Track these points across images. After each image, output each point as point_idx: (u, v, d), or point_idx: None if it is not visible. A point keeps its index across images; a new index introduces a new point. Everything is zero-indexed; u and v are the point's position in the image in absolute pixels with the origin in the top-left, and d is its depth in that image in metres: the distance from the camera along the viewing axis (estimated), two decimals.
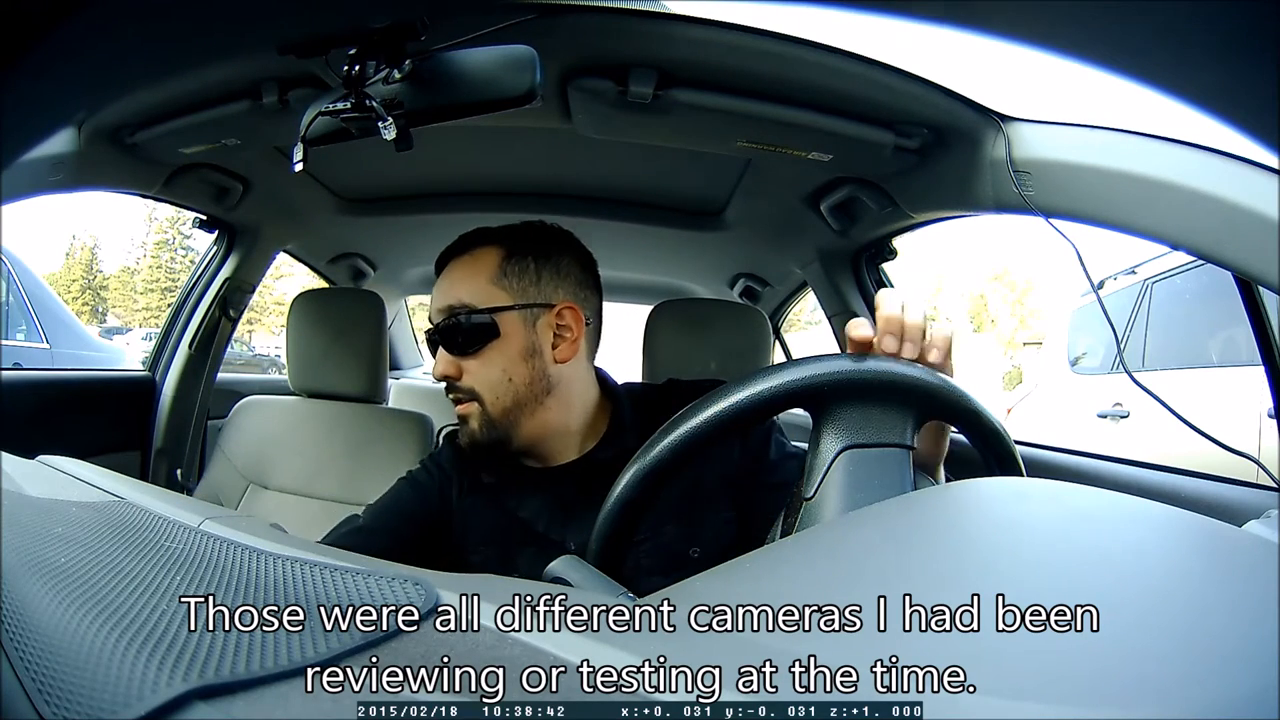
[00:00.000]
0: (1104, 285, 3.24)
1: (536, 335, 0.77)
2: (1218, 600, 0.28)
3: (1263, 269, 0.66)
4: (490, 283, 0.77)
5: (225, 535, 0.38)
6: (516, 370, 0.76)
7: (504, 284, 0.77)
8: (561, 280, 0.79)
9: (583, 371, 0.81)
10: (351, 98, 0.68)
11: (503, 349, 0.76)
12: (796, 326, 7.58)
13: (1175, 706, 0.21)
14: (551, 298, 0.78)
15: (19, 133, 0.34)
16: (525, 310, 0.77)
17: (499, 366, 0.76)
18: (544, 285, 0.78)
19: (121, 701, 0.21)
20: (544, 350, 0.77)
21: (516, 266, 0.78)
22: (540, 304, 0.78)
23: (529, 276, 0.78)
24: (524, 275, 0.78)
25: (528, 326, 0.77)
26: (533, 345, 0.77)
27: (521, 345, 0.77)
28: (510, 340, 0.76)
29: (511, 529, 0.78)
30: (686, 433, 0.52)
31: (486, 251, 0.79)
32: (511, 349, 0.76)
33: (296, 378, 1.39)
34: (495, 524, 0.79)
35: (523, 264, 0.78)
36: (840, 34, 0.82)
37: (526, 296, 0.77)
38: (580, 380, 0.81)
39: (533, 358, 0.77)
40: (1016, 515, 0.36)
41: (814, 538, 0.43)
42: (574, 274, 0.81)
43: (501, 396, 0.76)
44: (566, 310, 0.79)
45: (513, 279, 0.77)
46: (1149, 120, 0.73)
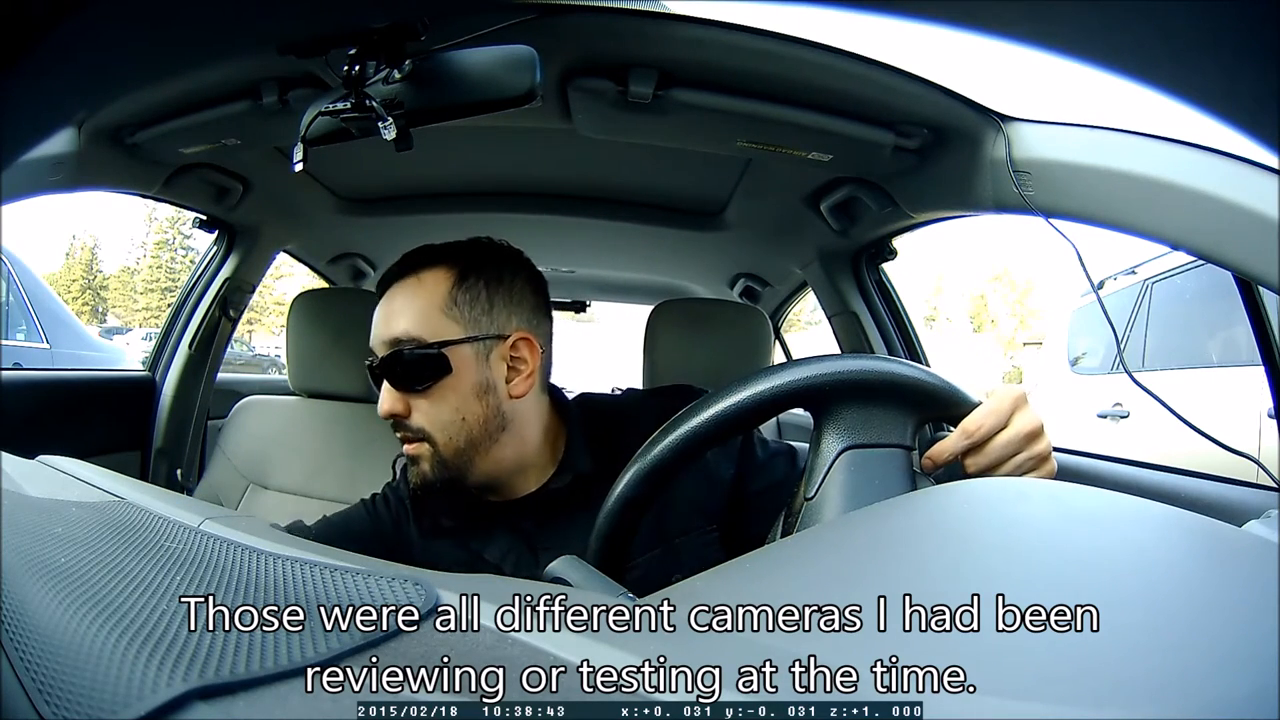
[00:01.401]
0: (1104, 285, 3.25)
1: (490, 370, 0.72)
2: (1218, 600, 0.28)
3: (1263, 269, 0.66)
4: (440, 312, 0.71)
5: (225, 535, 0.38)
6: (469, 409, 0.71)
7: (455, 314, 0.71)
8: (515, 307, 0.74)
9: (537, 402, 0.77)
10: (351, 98, 0.68)
11: (454, 386, 0.71)
12: (796, 326, 7.59)
13: (1175, 706, 0.21)
14: (505, 328, 0.73)
15: (19, 133, 0.34)
16: (478, 343, 0.72)
17: (451, 405, 0.71)
18: (497, 314, 0.73)
19: (121, 701, 0.21)
20: (498, 385, 0.72)
21: (468, 294, 0.72)
22: (494, 335, 0.72)
23: (481, 305, 0.72)
24: (476, 303, 0.72)
25: (481, 360, 0.72)
26: (486, 381, 0.72)
27: (474, 381, 0.71)
28: (462, 376, 0.71)
29: (479, 572, 0.74)
30: (688, 432, 0.52)
31: (434, 275, 0.73)
32: (464, 385, 0.71)
33: (296, 378, 1.39)
34: (462, 569, 0.75)
35: (474, 290, 0.73)
36: (840, 34, 0.82)
37: (479, 327, 0.72)
38: (535, 411, 0.76)
39: (486, 394, 0.72)
40: (1016, 515, 0.36)
41: (814, 538, 0.43)
42: (527, 299, 0.76)
43: (454, 437, 0.71)
44: (521, 341, 0.74)
45: (464, 307, 0.72)
46: (1149, 120, 0.73)
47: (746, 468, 0.77)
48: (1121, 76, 0.38)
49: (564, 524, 0.74)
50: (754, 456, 0.78)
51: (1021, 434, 0.53)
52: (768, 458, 0.78)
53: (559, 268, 2.11)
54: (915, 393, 0.52)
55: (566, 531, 0.73)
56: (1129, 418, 2.96)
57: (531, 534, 0.75)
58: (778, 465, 0.78)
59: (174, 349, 1.67)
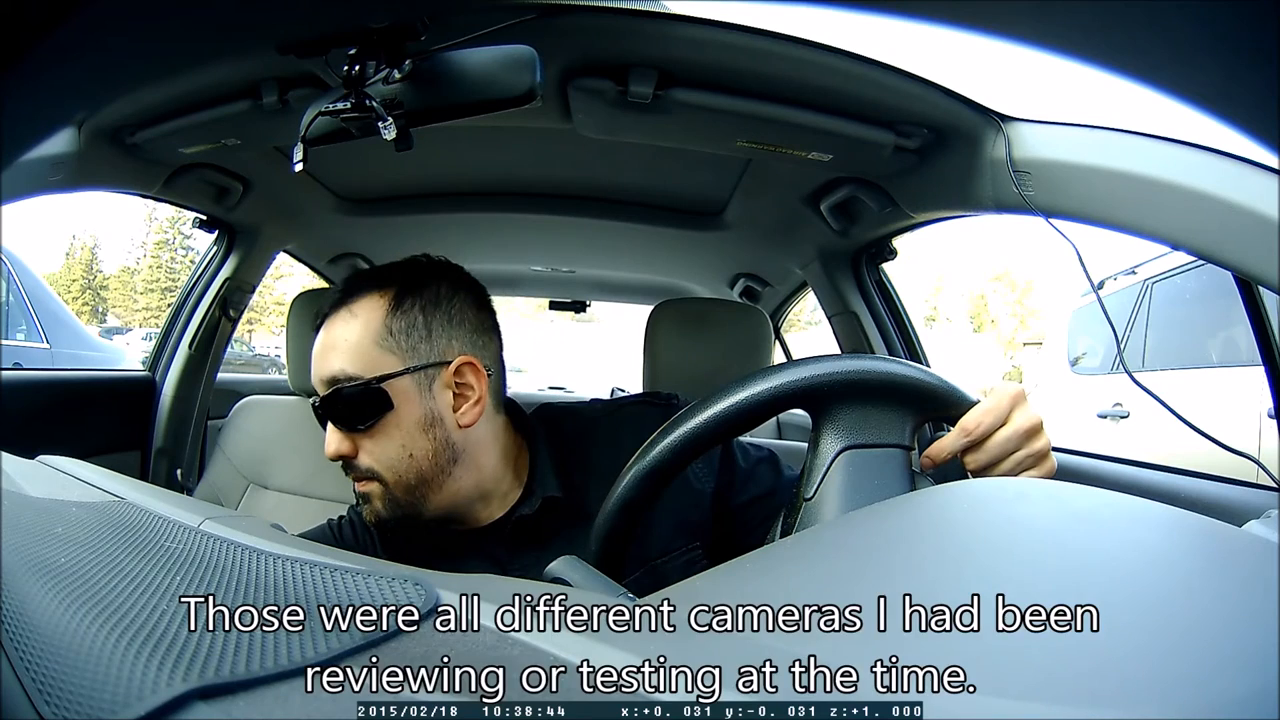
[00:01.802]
0: (1104, 285, 3.25)
1: (434, 400, 0.69)
2: (1218, 600, 0.28)
3: (1263, 269, 0.66)
4: (375, 345, 0.68)
5: (225, 535, 0.38)
6: (416, 444, 0.68)
7: (390, 344, 0.68)
8: (455, 329, 0.71)
9: (490, 427, 0.73)
10: (351, 98, 0.68)
11: (398, 422, 0.67)
12: (796, 326, 7.58)
13: (1175, 706, 0.21)
14: (446, 353, 0.70)
15: (19, 133, 0.34)
16: (418, 373, 0.68)
17: (397, 442, 0.68)
18: (436, 339, 0.69)
19: (121, 701, 0.21)
20: (444, 417, 0.69)
21: (402, 321, 0.69)
22: (434, 363, 0.69)
23: (418, 331, 0.69)
24: (412, 331, 0.69)
25: (423, 392, 0.68)
26: (431, 413, 0.68)
27: (419, 415, 0.68)
28: (405, 411, 0.67)
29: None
30: (687, 432, 0.52)
31: (366, 305, 0.69)
32: (408, 420, 0.68)
33: (296, 378, 1.39)
34: None
35: (409, 316, 0.69)
36: (840, 34, 0.82)
37: (418, 356, 0.68)
38: (490, 436, 0.72)
39: (433, 427, 0.68)
40: (1016, 515, 0.36)
41: (814, 538, 0.43)
42: (468, 318, 0.72)
43: (404, 475, 0.68)
44: (465, 366, 0.70)
45: (400, 336, 0.68)
46: (1149, 120, 0.73)
47: (728, 479, 0.75)
48: (1121, 76, 0.38)
49: (538, 549, 0.71)
50: (735, 467, 0.75)
51: (1020, 431, 0.53)
52: (751, 467, 0.76)
53: (559, 268, 2.11)
54: (913, 392, 0.52)
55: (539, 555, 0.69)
56: (1129, 418, 2.96)
57: (505, 562, 0.72)
58: (763, 475, 0.76)
59: (174, 349, 1.67)
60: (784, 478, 0.76)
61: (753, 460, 0.77)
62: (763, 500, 0.75)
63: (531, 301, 3.41)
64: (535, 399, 1.38)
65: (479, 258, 1.91)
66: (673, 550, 0.73)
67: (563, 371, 5.92)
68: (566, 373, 5.55)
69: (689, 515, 0.73)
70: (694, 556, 0.73)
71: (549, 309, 2.83)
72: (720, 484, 0.75)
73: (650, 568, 0.72)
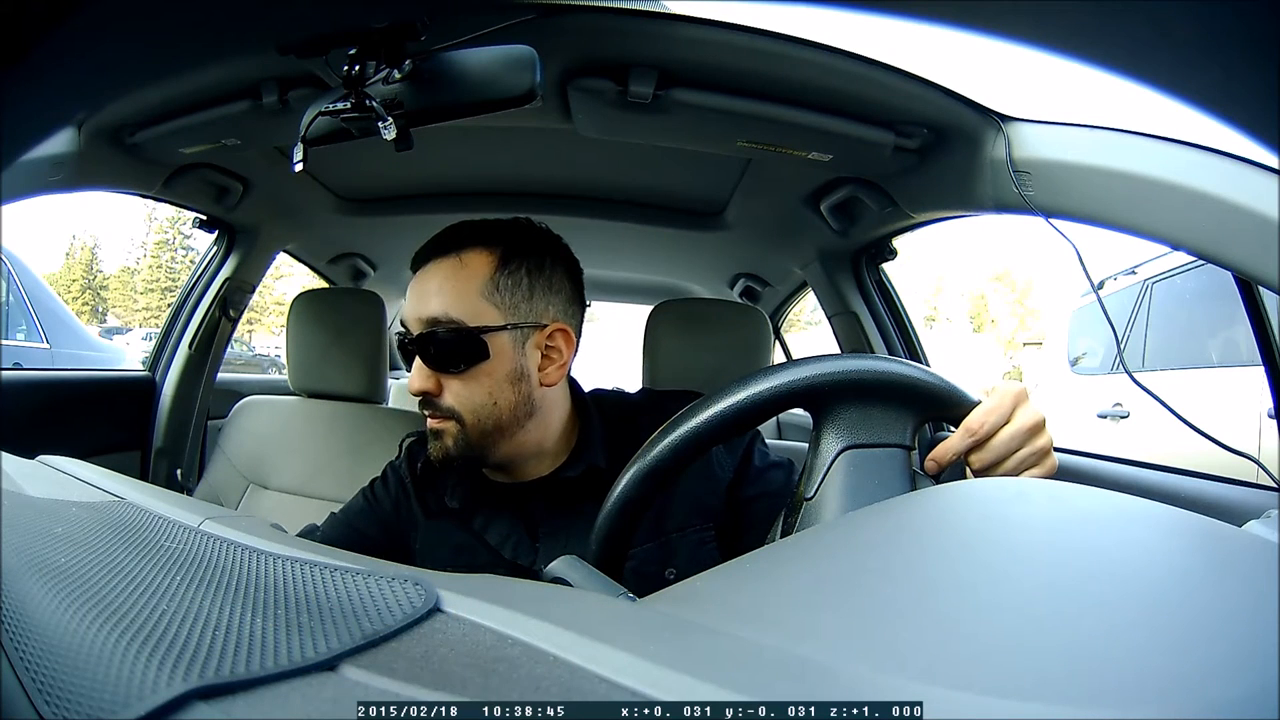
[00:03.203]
0: (1104, 285, 3.25)
1: (525, 357, 0.72)
2: (1218, 600, 0.28)
3: (1263, 269, 0.66)
4: (481, 297, 0.71)
5: (225, 535, 0.38)
6: (502, 394, 0.71)
7: (495, 299, 0.71)
8: (554, 296, 0.74)
9: (563, 390, 0.77)
10: (351, 98, 0.68)
11: (490, 371, 0.71)
12: (796, 326, 7.58)
13: (1175, 706, 0.21)
14: (543, 316, 0.73)
15: (19, 133, 0.34)
16: (516, 330, 0.72)
17: (485, 389, 0.71)
18: (536, 302, 0.73)
19: (121, 701, 0.21)
20: (531, 373, 0.73)
21: (509, 279, 0.72)
22: (532, 324, 0.72)
23: (521, 291, 0.72)
24: (516, 290, 0.72)
25: (517, 348, 0.72)
26: (521, 368, 0.72)
27: (510, 368, 0.71)
28: (499, 362, 0.71)
29: (477, 554, 0.75)
30: (687, 432, 0.52)
31: (477, 257, 0.72)
32: (499, 371, 0.71)
33: (296, 378, 1.39)
34: (461, 548, 0.76)
35: (516, 276, 0.72)
36: (840, 34, 0.82)
37: (519, 315, 0.72)
38: (560, 400, 0.77)
39: (519, 381, 0.72)
40: (1017, 515, 0.36)
41: (814, 538, 0.43)
42: (565, 288, 0.76)
43: (484, 419, 0.71)
44: (559, 332, 0.74)
45: (505, 293, 0.71)
46: (1149, 120, 0.73)
47: (743, 472, 0.77)
48: (1121, 76, 0.38)
49: (569, 513, 0.74)
50: (751, 463, 0.77)
51: (1024, 429, 0.53)
52: (765, 467, 0.78)
53: None
54: (914, 392, 0.52)
55: (570, 520, 0.74)
56: (1129, 418, 2.96)
57: (536, 519, 0.76)
58: (774, 477, 0.78)
59: (174, 349, 1.67)
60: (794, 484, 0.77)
61: (768, 463, 0.79)
62: (768, 498, 0.76)
63: None
64: None
65: None
66: (688, 528, 0.75)
67: None
68: None
69: (706, 499, 0.76)
70: (705, 537, 0.76)
71: None
72: (736, 475, 0.77)
73: (665, 540, 0.75)
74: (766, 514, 0.75)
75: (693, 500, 0.75)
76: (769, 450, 0.80)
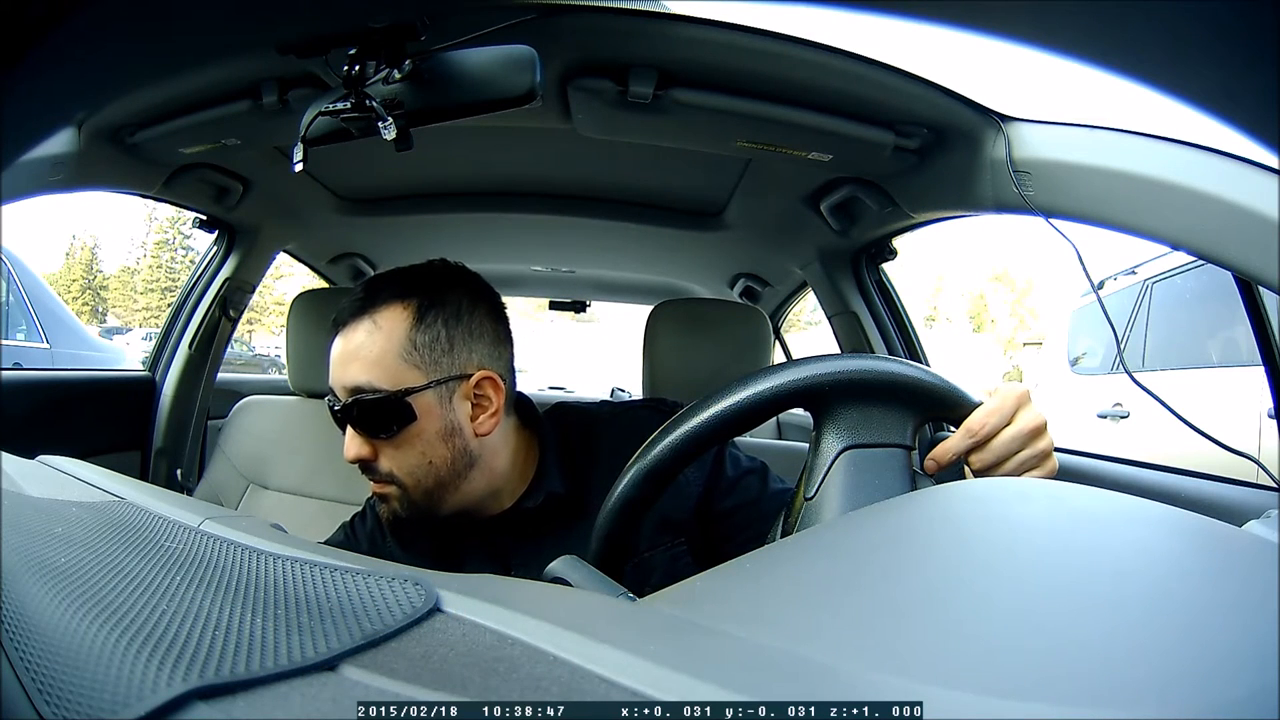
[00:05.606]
0: (1104, 285, 3.25)
1: (454, 411, 0.71)
2: (1218, 600, 0.28)
3: (1263, 269, 0.66)
4: (400, 359, 0.69)
5: (225, 535, 0.38)
6: (436, 452, 0.70)
7: (415, 358, 0.69)
8: (475, 342, 0.72)
9: (503, 432, 0.75)
10: (351, 98, 0.68)
11: (419, 432, 0.69)
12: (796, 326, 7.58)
13: (1175, 706, 0.21)
14: (467, 366, 0.71)
15: (19, 133, 0.34)
16: (440, 386, 0.70)
17: (417, 450, 0.70)
18: (458, 353, 0.71)
19: (121, 701, 0.21)
20: (463, 426, 0.71)
21: (426, 334, 0.70)
22: (456, 376, 0.71)
23: (441, 345, 0.70)
24: (435, 344, 0.70)
25: (444, 404, 0.70)
26: (451, 424, 0.70)
27: (439, 426, 0.70)
28: (427, 421, 0.69)
29: None
30: (687, 432, 0.52)
31: (390, 317, 0.70)
32: (429, 430, 0.70)
33: (296, 378, 1.39)
34: None
35: (433, 330, 0.70)
36: (840, 34, 0.82)
37: (440, 370, 0.70)
38: (501, 442, 0.75)
39: (452, 437, 0.71)
40: (1017, 515, 0.36)
41: (814, 537, 0.43)
42: (488, 332, 0.74)
43: (423, 480, 0.71)
44: (485, 380, 0.72)
45: (424, 350, 0.69)
46: (1149, 120, 0.73)
47: (715, 485, 0.76)
48: (1121, 76, 0.38)
49: (538, 541, 0.74)
50: (722, 474, 0.76)
51: (1025, 431, 0.53)
52: (738, 475, 0.77)
53: (559, 268, 2.11)
54: (915, 392, 0.52)
55: (540, 549, 0.71)
56: (1129, 418, 2.96)
57: (507, 551, 0.76)
58: (749, 484, 0.77)
59: (174, 349, 1.67)
60: (770, 489, 0.77)
61: (741, 470, 0.78)
62: (745, 509, 0.76)
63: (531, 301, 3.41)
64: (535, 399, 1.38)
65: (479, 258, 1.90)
66: (658, 545, 0.75)
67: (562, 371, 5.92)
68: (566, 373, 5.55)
69: (671, 514, 0.75)
70: (678, 552, 0.75)
71: (549, 309, 2.84)
72: (707, 488, 0.76)
73: (638, 561, 0.74)
74: (746, 522, 0.75)
75: (659, 517, 0.74)
76: (740, 454, 0.79)
